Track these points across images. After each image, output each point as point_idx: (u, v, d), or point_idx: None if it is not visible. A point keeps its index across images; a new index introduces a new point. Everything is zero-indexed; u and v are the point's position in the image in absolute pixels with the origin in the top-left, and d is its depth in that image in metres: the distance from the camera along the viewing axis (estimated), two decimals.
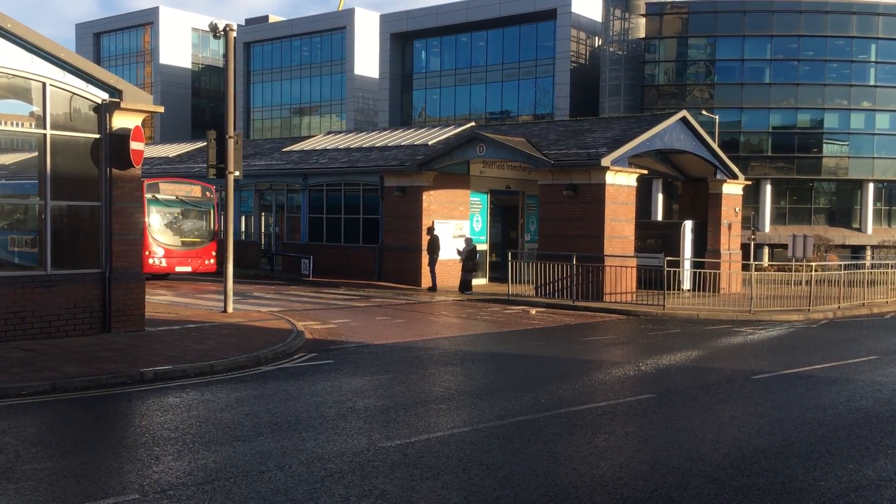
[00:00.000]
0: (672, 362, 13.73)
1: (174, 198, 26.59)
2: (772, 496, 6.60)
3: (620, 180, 23.65)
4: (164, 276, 27.33)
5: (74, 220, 14.08)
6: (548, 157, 24.40)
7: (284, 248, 32.36)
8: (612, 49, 57.50)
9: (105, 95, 13.87)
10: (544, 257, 23.87)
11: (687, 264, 26.11)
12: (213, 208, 27.56)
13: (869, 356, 14.70)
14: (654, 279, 23.18)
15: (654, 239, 28.35)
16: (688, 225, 28.33)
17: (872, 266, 30.80)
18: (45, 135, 13.23)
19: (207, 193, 27.40)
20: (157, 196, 25.99)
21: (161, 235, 26.03)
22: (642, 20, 56.87)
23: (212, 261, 27.09)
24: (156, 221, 26.09)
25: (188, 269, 26.58)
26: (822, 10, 54.16)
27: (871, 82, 54.98)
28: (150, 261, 25.04)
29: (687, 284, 25.40)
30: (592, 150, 24.08)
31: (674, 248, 26.96)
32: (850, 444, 8.29)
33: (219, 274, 27.00)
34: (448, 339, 15.54)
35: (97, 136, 13.85)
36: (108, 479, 6.71)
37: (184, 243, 26.67)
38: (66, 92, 13.51)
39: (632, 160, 25.12)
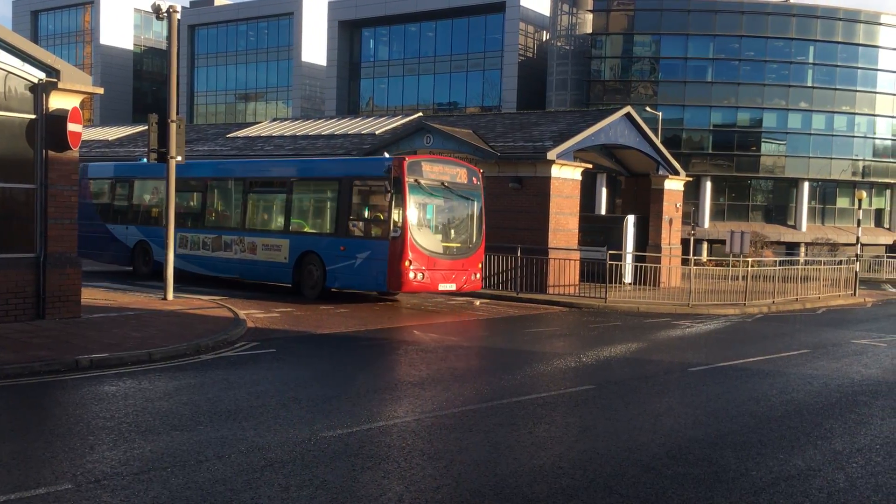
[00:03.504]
0: (612, 354, 13.95)
1: (439, 184, 18.65)
2: (706, 485, 6.76)
3: (565, 174, 23.88)
4: (377, 298, 20.37)
5: (8, 202, 13.63)
6: (494, 149, 24.50)
7: None
8: (559, 43, 57.96)
9: (42, 75, 13.46)
10: (489, 249, 23.97)
11: (629, 258, 26.53)
12: (482, 199, 19.97)
13: (801, 350, 15.15)
14: (596, 272, 23.50)
15: (598, 233, 28.73)
16: (630, 219, 28.77)
17: (806, 263, 31.73)
18: None
19: (474, 179, 19.68)
20: (421, 181, 18.18)
21: (423, 238, 18.15)
22: (589, 16, 57.46)
23: (478, 275, 19.59)
24: (419, 217, 18.40)
25: (452, 286, 18.92)
26: (763, 11, 55.45)
27: (809, 83, 56.53)
28: (411, 274, 17.69)
29: (628, 278, 25.81)
30: (539, 144, 24.26)
31: (616, 242, 27.37)
32: (782, 435, 8.53)
33: (480, 294, 21.48)
34: (391, 330, 15.52)
35: (33, 116, 13.44)
36: (40, 468, 6.54)
37: (447, 250, 18.96)
38: (1, 70, 13.07)
39: (577, 154, 25.38)
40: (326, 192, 20.27)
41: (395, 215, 17.81)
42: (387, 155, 19.13)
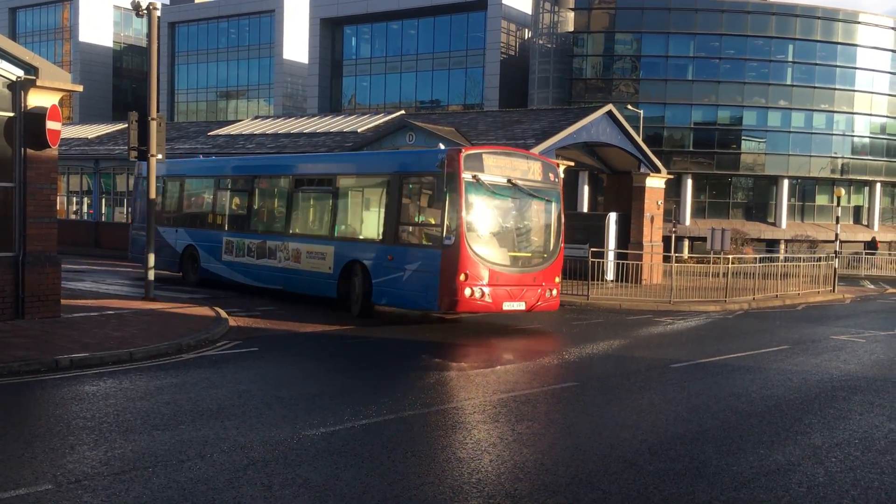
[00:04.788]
0: (595, 351, 14.00)
1: (505, 181, 15.42)
2: (687, 480, 6.80)
3: None
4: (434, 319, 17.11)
5: None
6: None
7: None
8: (541, 42, 58.07)
9: (20, 72, 13.32)
10: None
11: (611, 255, 26.63)
12: (560, 200, 16.69)
13: (781, 346, 15.28)
14: (579, 270, 23.56)
15: (580, 230, 28.79)
16: (612, 217, 28.88)
17: (786, 259, 31.98)
18: None
19: (551, 175, 16.47)
20: (481, 177, 15.01)
21: (483, 247, 15.07)
22: (571, 14, 57.61)
23: (555, 291, 16.21)
24: (479, 221, 15.23)
25: (521, 305, 15.51)
26: (743, 10, 55.84)
27: (788, 81, 57.00)
28: (468, 290, 14.65)
29: (610, 275, 25.92)
30: (521, 142, 24.30)
31: (598, 240, 27.46)
32: (762, 430, 8.61)
33: (560, 312, 18.16)
34: (375, 328, 15.50)
35: (11, 114, 13.30)
36: (19, 469, 6.49)
37: (515, 262, 15.69)
38: None
39: (559, 152, 25.45)
40: (374, 191, 17.39)
41: (449, 219, 14.79)
42: (442, 146, 16.24)
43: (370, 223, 17.29)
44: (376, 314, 16.86)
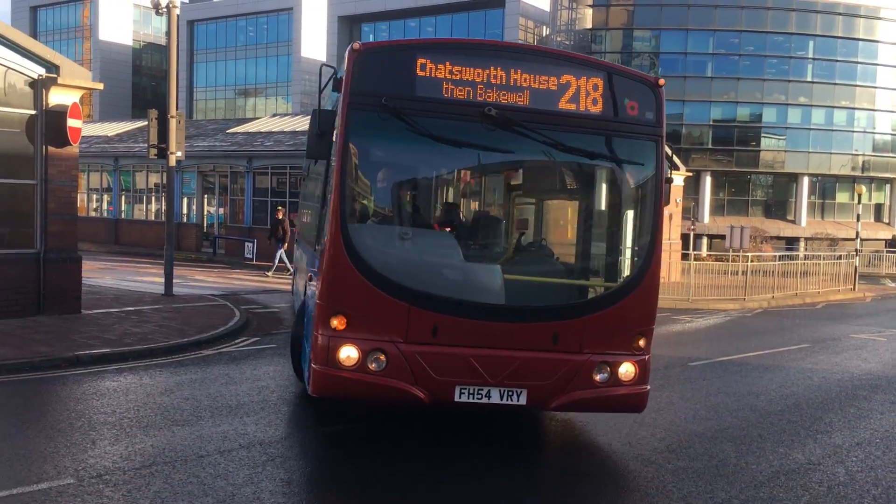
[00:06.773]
0: None
1: (476, 111, 6.68)
2: (706, 479, 6.77)
3: None
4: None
5: (8, 198, 13.62)
6: None
7: (227, 232, 31.89)
8: (559, 39, 57.87)
9: (42, 70, 13.44)
10: None
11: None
12: (657, 161, 7.38)
13: (801, 344, 15.17)
14: None
15: None
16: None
17: (806, 257, 31.72)
18: None
19: (629, 104, 7.09)
20: (404, 105, 6.62)
21: (409, 257, 7.16)
22: (589, 11, 57.37)
23: (628, 368, 7.06)
24: (396, 199, 7.72)
25: (516, 396, 6.76)
26: (763, 5, 55.37)
27: (808, 78, 56.45)
28: (348, 353, 6.66)
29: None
30: None
31: None
32: (782, 429, 8.55)
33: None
34: None
35: (33, 112, 13.42)
36: (41, 463, 6.56)
37: (507, 295, 6.99)
38: (1, 66, 13.06)
39: None
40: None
41: (329, 193, 7.04)
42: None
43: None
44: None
